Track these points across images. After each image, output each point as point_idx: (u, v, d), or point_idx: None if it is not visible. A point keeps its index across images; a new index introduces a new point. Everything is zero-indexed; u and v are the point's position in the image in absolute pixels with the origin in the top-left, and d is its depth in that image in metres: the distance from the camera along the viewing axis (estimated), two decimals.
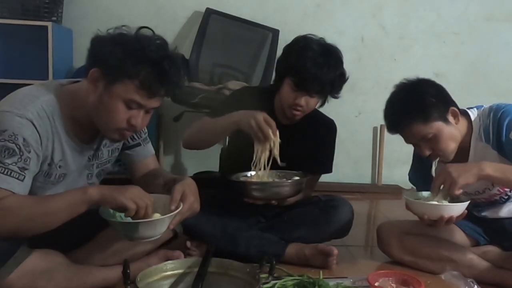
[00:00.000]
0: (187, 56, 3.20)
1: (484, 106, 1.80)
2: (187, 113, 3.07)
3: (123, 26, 1.41)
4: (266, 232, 1.95)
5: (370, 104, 3.55)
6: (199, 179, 1.62)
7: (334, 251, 1.85)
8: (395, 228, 1.97)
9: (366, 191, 3.57)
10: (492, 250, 1.86)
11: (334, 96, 1.99)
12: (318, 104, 2.00)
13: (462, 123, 1.76)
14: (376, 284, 1.58)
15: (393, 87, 1.80)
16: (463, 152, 1.76)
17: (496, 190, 1.80)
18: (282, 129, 2.03)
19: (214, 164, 2.28)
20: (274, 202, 1.88)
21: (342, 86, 1.97)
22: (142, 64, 1.35)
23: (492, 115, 1.71)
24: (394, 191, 3.54)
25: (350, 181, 3.60)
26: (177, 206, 1.44)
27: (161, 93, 1.42)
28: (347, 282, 1.68)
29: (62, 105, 1.43)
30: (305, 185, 1.94)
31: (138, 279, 1.30)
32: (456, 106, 1.75)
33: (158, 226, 1.40)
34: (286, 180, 1.89)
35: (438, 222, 1.66)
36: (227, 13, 3.34)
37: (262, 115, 1.74)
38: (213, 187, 2.00)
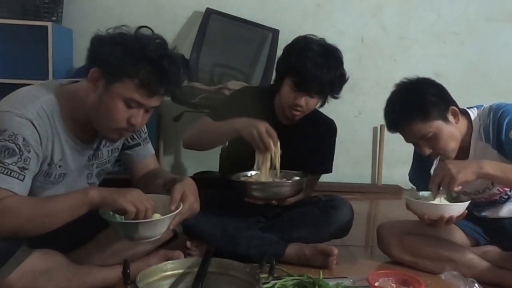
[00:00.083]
0: (187, 56, 3.19)
1: (484, 105, 1.80)
2: (187, 113, 3.06)
3: (123, 25, 1.41)
4: (266, 232, 1.95)
5: (370, 104, 3.55)
6: (199, 179, 1.63)
7: (334, 251, 1.85)
8: (395, 228, 1.97)
9: (366, 191, 3.56)
10: (492, 250, 1.86)
11: (334, 96, 1.99)
12: (318, 104, 2.00)
13: (462, 123, 1.76)
14: (376, 284, 1.58)
15: (393, 87, 1.80)
16: (463, 151, 1.76)
17: (496, 189, 1.80)
18: (282, 129, 2.03)
19: (214, 164, 2.28)
20: (274, 202, 1.88)
21: (342, 87, 1.97)
22: (142, 63, 1.35)
23: (492, 115, 1.71)
24: (394, 191, 3.53)
25: (350, 181, 3.60)
26: (177, 207, 1.44)
27: (160, 92, 1.42)
28: (347, 282, 1.68)
29: (62, 105, 1.43)
30: (305, 185, 1.94)
31: (138, 279, 1.30)
32: (456, 106, 1.75)
33: (158, 227, 1.40)
34: (286, 180, 1.89)
35: (438, 222, 1.66)
36: (227, 13, 3.34)
37: (264, 125, 1.74)
38: (213, 187, 2.00)
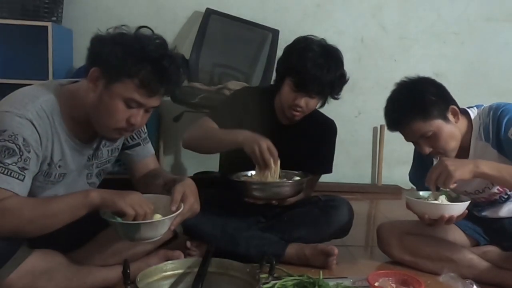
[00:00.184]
0: (187, 56, 3.19)
1: (484, 105, 1.80)
2: (187, 113, 3.07)
3: (123, 25, 1.41)
4: (266, 232, 1.95)
5: (370, 104, 3.55)
6: (199, 179, 1.63)
7: (335, 251, 1.85)
8: (395, 228, 1.97)
9: (366, 191, 3.56)
10: (492, 250, 1.86)
11: (334, 97, 1.99)
12: (318, 104, 2.00)
13: (462, 122, 1.76)
14: (376, 284, 1.58)
15: (393, 86, 1.81)
16: (463, 151, 1.76)
17: (496, 189, 1.80)
18: (282, 129, 2.04)
19: (214, 164, 2.27)
20: (274, 202, 1.88)
21: (342, 87, 1.97)
22: (142, 63, 1.35)
23: (491, 114, 1.71)
24: (394, 191, 3.53)
25: (350, 181, 3.59)
26: (177, 207, 1.44)
27: (160, 92, 1.42)
28: (347, 282, 1.68)
29: (62, 105, 1.43)
30: (305, 185, 1.94)
31: (138, 279, 1.30)
32: (456, 105, 1.76)
33: (159, 227, 1.40)
34: (286, 180, 1.89)
35: (439, 222, 1.66)
36: (227, 13, 3.34)
37: (266, 143, 1.74)
38: (213, 187, 2.00)
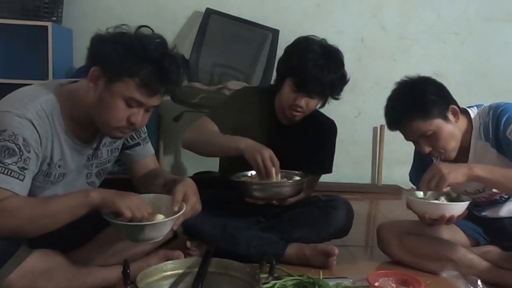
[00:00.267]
0: (187, 56, 3.19)
1: (484, 105, 1.80)
2: (187, 113, 3.07)
3: (123, 25, 1.41)
4: (266, 232, 1.95)
5: (370, 104, 3.55)
6: (199, 179, 1.62)
7: (335, 251, 1.84)
8: (395, 228, 1.97)
9: (366, 191, 3.56)
10: (492, 250, 1.86)
11: (335, 97, 1.98)
12: (318, 105, 2.00)
13: (462, 122, 1.76)
14: (376, 284, 1.58)
15: (393, 86, 1.81)
16: (464, 150, 1.76)
17: None
18: (282, 129, 2.04)
19: (214, 164, 2.27)
20: (275, 202, 1.88)
21: (343, 88, 1.97)
22: (143, 62, 1.36)
23: (491, 113, 1.71)
24: (394, 191, 3.53)
25: (350, 181, 3.59)
26: (180, 207, 1.44)
27: (161, 91, 1.42)
28: (347, 282, 1.68)
29: (62, 104, 1.43)
30: (305, 185, 1.94)
31: (138, 279, 1.30)
32: (456, 105, 1.76)
33: (163, 228, 1.40)
34: (287, 180, 1.89)
35: (439, 222, 1.66)
36: (227, 13, 3.34)
37: (268, 153, 1.74)
38: (213, 187, 2.00)
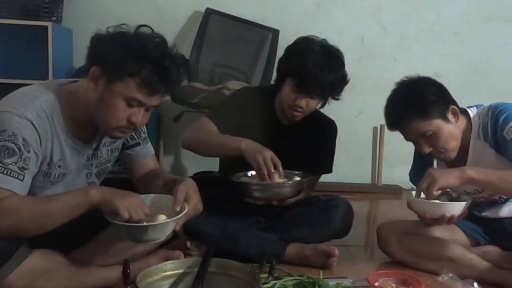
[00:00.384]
0: (187, 56, 3.19)
1: (484, 105, 1.80)
2: (187, 113, 3.07)
3: (123, 24, 1.41)
4: (266, 232, 1.95)
5: (370, 104, 3.55)
6: (199, 179, 1.62)
7: (335, 252, 1.84)
8: (395, 228, 1.97)
9: (366, 191, 3.56)
10: (492, 250, 1.86)
11: (335, 98, 1.98)
12: (318, 105, 2.00)
13: (462, 122, 1.77)
14: (376, 284, 1.58)
15: (393, 86, 1.81)
16: (463, 150, 1.76)
17: None
18: (282, 129, 2.04)
19: (214, 164, 2.27)
20: (275, 202, 1.88)
21: (343, 88, 1.97)
22: (143, 62, 1.36)
23: (490, 114, 1.71)
24: (394, 191, 3.53)
25: (350, 181, 3.59)
26: (182, 208, 1.44)
27: (161, 91, 1.42)
28: (347, 282, 1.68)
29: (62, 104, 1.43)
30: (305, 185, 1.94)
31: (138, 279, 1.30)
32: (456, 105, 1.76)
33: (165, 229, 1.40)
34: (287, 181, 1.88)
35: (440, 221, 1.66)
36: (227, 13, 3.34)
37: (270, 154, 1.74)
38: (213, 187, 2.00)
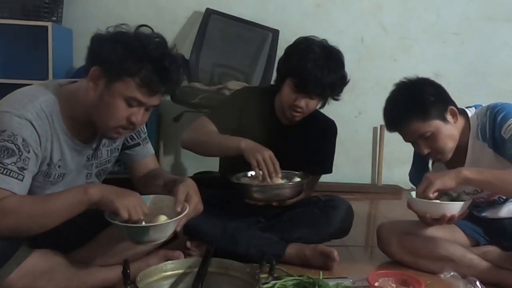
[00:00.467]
0: (187, 56, 3.19)
1: (482, 105, 1.80)
2: (187, 113, 3.07)
3: (123, 24, 1.41)
4: (266, 232, 1.95)
5: (370, 104, 3.54)
6: (199, 179, 1.62)
7: (335, 256, 1.83)
8: (395, 228, 1.97)
9: (366, 191, 3.56)
10: (492, 250, 1.86)
11: (335, 98, 1.99)
12: (318, 105, 2.00)
13: (461, 122, 1.77)
14: (376, 284, 1.58)
15: (393, 87, 1.81)
16: (461, 150, 1.76)
17: None
18: (282, 129, 2.04)
19: (214, 164, 2.28)
20: (275, 203, 1.88)
21: (343, 89, 1.97)
22: (143, 62, 1.36)
23: (488, 114, 1.72)
24: (394, 191, 3.53)
25: (350, 181, 3.59)
26: (183, 208, 1.44)
27: (161, 91, 1.42)
28: (347, 282, 1.68)
29: (61, 105, 1.43)
30: (305, 186, 1.94)
31: (138, 279, 1.30)
32: (454, 105, 1.76)
33: (167, 230, 1.40)
34: (287, 182, 1.88)
35: (440, 221, 1.66)
36: (227, 13, 3.33)
37: (269, 154, 1.74)
38: (213, 187, 2.00)
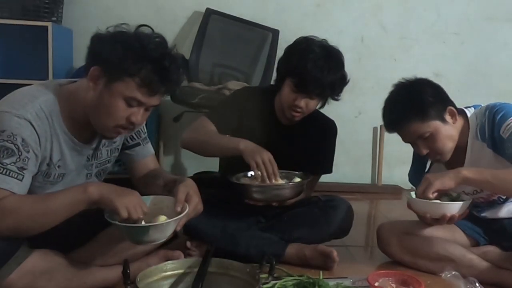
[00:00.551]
0: (187, 56, 3.19)
1: (481, 105, 1.80)
2: (187, 113, 3.07)
3: (123, 24, 1.41)
4: (266, 232, 1.95)
5: (370, 104, 3.53)
6: (199, 179, 1.63)
7: (335, 256, 1.83)
8: (395, 228, 1.97)
9: (366, 191, 3.56)
10: (492, 250, 1.86)
11: (335, 98, 1.99)
12: (318, 105, 2.00)
13: (460, 122, 1.77)
14: (376, 284, 1.58)
15: (392, 87, 1.81)
16: (461, 151, 1.76)
17: None
18: (282, 129, 2.04)
19: (214, 164, 2.28)
20: (275, 204, 1.88)
21: (343, 89, 1.97)
22: (143, 62, 1.36)
23: (487, 113, 1.72)
24: (394, 191, 3.53)
25: (350, 181, 3.59)
26: (183, 208, 1.44)
27: (161, 91, 1.42)
28: (347, 282, 1.68)
29: (61, 105, 1.43)
30: (305, 186, 1.94)
31: (138, 279, 1.30)
32: (453, 106, 1.76)
33: (167, 229, 1.40)
34: (287, 182, 1.89)
35: (440, 221, 1.67)
36: (227, 13, 3.33)
37: (268, 156, 1.75)
38: (213, 187, 2.00)
